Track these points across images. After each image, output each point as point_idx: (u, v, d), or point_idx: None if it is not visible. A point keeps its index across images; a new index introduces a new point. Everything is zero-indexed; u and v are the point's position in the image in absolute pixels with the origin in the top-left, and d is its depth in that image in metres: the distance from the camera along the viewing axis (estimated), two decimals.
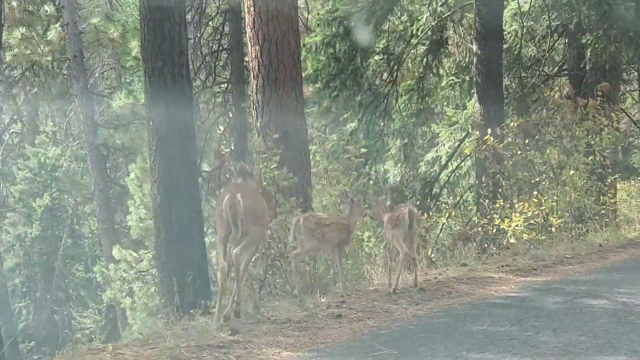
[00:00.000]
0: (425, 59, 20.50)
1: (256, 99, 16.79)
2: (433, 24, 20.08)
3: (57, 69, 32.70)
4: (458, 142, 21.55)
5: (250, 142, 23.43)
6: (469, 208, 20.49)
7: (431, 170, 21.36)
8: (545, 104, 16.99)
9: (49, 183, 37.73)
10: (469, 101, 21.21)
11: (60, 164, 38.50)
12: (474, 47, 18.92)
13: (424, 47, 20.63)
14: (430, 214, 18.81)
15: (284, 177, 12.90)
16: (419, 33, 20.20)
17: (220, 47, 26.29)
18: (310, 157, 19.92)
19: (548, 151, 15.37)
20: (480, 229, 15.53)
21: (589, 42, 20.26)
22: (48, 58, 30.09)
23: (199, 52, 25.24)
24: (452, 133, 21.04)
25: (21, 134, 40.71)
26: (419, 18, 20.30)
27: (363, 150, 15.50)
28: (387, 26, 19.49)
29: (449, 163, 21.98)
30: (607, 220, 15.91)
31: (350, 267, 12.73)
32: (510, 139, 15.60)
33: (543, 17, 20.61)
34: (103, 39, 28.64)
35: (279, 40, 16.63)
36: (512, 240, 14.37)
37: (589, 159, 15.48)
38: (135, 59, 26.43)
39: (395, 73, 20.06)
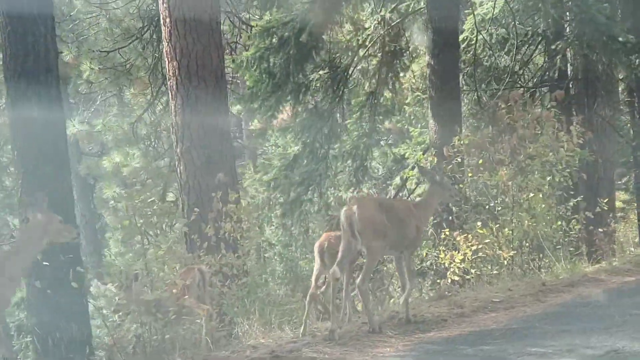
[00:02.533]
0: (377, 73, 18.76)
1: (175, 122, 15.32)
2: (382, 32, 18.35)
3: None
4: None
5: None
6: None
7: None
8: (496, 119, 15.22)
9: None
10: None
11: None
12: (427, 57, 17.38)
13: (376, 59, 18.90)
14: None
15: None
16: (366, 43, 18.47)
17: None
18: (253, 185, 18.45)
19: (500, 171, 13.60)
20: (430, 262, 13.96)
21: (558, 48, 18.68)
22: None
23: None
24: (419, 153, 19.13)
25: None
26: (367, 27, 18.56)
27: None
28: (328, 36, 17.74)
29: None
30: (571, 249, 14.19)
31: None
32: (459, 159, 13.91)
33: (512, 23, 18.81)
34: None
35: (199, 55, 15.11)
36: (454, 277, 12.73)
37: (547, 179, 13.73)
38: None
39: (341, 89, 18.36)
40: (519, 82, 20.26)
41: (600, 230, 16.39)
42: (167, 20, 15.17)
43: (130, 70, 22.70)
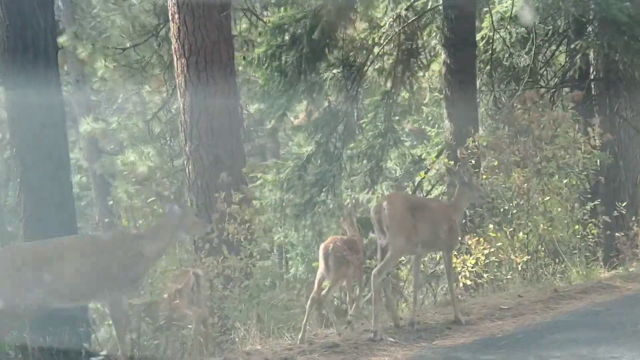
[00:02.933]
0: (393, 72, 18.34)
1: (184, 119, 15.14)
2: (397, 29, 17.95)
3: None
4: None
5: None
6: None
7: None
8: (513, 120, 14.78)
9: None
10: None
11: None
12: (443, 56, 16.94)
13: (392, 58, 18.48)
14: None
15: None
16: (381, 41, 18.07)
17: None
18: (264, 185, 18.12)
19: (514, 174, 13.22)
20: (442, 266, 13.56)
21: (579, 47, 18.24)
22: None
23: None
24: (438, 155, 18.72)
25: None
26: (382, 24, 18.15)
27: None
28: (342, 34, 17.34)
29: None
30: (587, 254, 13.78)
31: None
32: (472, 161, 13.55)
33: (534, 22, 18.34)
34: None
35: (207, 51, 14.88)
36: (467, 282, 12.38)
37: (564, 182, 13.33)
38: None
39: (356, 88, 17.96)
40: (540, 82, 19.72)
41: (621, 234, 15.95)
42: (176, 16, 14.97)
43: (145, 67, 22.40)
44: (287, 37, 16.52)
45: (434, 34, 18.51)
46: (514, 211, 13.53)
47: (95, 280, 8.40)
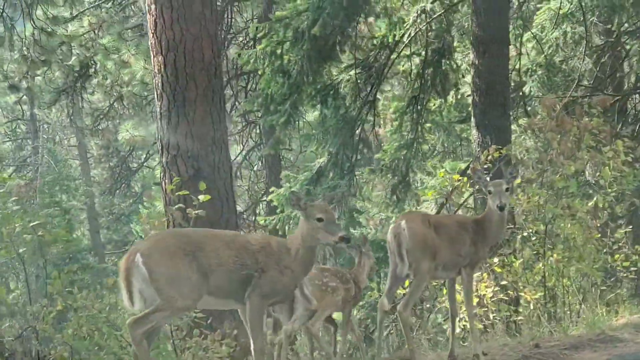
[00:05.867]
0: (421, 74, 16.27)
1: (161, 126, 13.22)
2: (422, 27, 15.87)
3: None
4: None
5: None
6: None
7: None
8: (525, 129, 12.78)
9: None
10: None
11: None
12: (471, 56, 14.96)
13: (419, 58, 16.42)
14: None
15: None
16: (404, 39, 15.97)
17: None
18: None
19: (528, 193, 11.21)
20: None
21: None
22: None
23: None
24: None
25: None
26: (405, 19, 16.03)
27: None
28: (354, 30, 15.36)
29: None
30: (603, 288, 11.55)
31: None
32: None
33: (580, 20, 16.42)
34: None
35: (188, 48, 12.98)
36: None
37: (587, 204, 11.17)
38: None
39: (374, 91, 15.96)
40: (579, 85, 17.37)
41: None
42: (152, 7, 13.15)
43: None
44: (289, 33, 14.59)
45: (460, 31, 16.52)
46: (533, 237, 11.45)
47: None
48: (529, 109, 16.97)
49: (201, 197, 10.79)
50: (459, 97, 17.56)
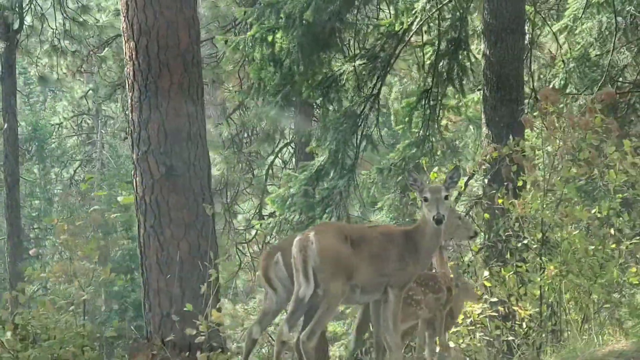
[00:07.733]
0: (434, 66, 15.11)
1: (131, 119, 12.14)
2: (431, 13, 14.67)
3: None
4: None
5: None
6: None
7: None
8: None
9: None
10: None
11: None
12: (482, 46, 13.87)
13: (432, 48, 15.25)
14: None
15: None
16: (412, 27, 14.79)
17: None
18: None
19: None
20: None
21: None
22: None
23: None
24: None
25: None
26: (414, 5, 14.85)
27: None
28: (354, 16, 14.31)
29: None
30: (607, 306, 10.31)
31: None
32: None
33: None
34: None
35: (161, 32, 11.90)
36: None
37: (591, 212, 9.98)
38: None
39: (379, 84, 14.81)
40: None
41: None
42: None
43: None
44: (281, 18, 13.51)
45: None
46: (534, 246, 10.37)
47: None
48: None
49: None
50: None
